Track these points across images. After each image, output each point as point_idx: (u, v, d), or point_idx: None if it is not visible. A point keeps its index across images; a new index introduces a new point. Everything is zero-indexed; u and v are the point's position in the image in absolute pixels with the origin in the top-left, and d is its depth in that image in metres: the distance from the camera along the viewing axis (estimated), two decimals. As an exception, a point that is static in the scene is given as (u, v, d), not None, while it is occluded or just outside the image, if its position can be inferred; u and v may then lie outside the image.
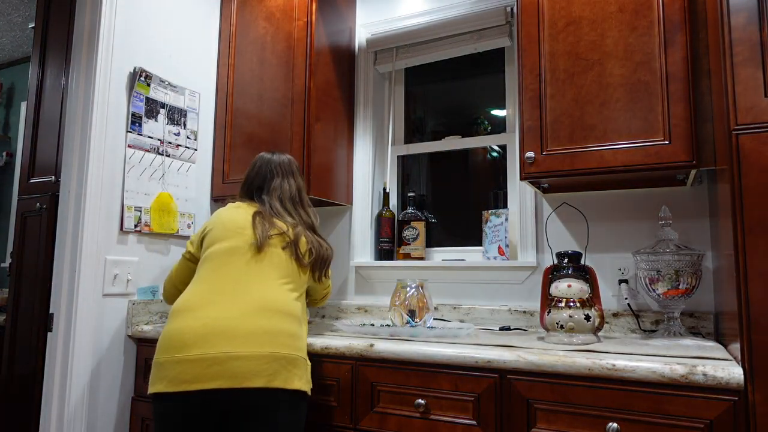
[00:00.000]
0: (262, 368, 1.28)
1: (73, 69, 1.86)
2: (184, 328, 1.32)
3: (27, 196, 2.20)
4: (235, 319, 1.33)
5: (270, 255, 1.49)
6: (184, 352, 1.29)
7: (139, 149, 1.95)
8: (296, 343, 1.38)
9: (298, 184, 1.69)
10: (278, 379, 1.30)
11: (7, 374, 2.12)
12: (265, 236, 1.50)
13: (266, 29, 2.20)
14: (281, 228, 1.55)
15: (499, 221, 2.05)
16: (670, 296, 1.52)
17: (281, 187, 1.66)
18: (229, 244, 1.50)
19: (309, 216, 1.66)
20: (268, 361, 1.30)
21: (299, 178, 1.71)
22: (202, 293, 1.41)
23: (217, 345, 1.29)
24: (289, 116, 2.09)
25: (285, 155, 1.74)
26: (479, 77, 2.37)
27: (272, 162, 1.70)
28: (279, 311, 1.39)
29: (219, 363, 1.27)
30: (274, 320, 1.37)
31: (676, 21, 1.50)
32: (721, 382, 1.10)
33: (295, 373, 1.34)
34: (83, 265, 1.74)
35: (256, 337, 1.31)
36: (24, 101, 3.64)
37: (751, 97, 1.14)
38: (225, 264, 1.46)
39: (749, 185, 1.11)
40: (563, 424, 1.25)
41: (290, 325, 1.39)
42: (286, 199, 1.64)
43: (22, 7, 3.19)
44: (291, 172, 1.70)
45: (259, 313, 1.36)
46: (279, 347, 1.33)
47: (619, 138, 1.53)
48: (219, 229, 1.55)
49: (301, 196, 1.68)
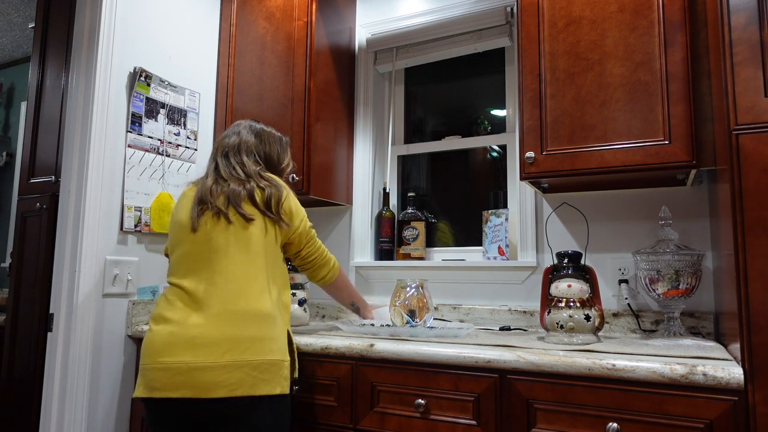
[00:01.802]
0: (223, 378, 1.27)
1: (73, 69, 1.86)
2: (155, 335, 1.34)
3: (27, 196, 2.20)
4: (198, 327, 1.32)
5: (217, 243, 1.40)
6: (155, 359, 1.31)
7: (139, 149, 1.95)
8: (262, 347, 1.33)
9: (241, 139, 1.57)
10: (242, 387, 1.28)
11: (7, 374, 2.12)
12: (195, 216, 1.43)
13: (266, 29, 2.20)
14: (209, 189, 1.46)
15: (499, 221, 2.05)
16: (670, 296, 1.52)
17: (222, 143, 1.59)
18: (183, 248, 1.44)
19: (243, 162, 1.52)
20: (230, 370, 1.28)
21: (248, 135, 1.59)
22: (170, 301, 1.40)
23: (181, 354, 1.29)
24: (289, 116, 2.09)
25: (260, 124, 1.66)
26: (479, 77, 2.37)
27: (232, 125, 1.64)
28: (243, 315, 1.34)
29: (182, 373, 1.28)
30: (237, 326, 1.32)
31: (676, 21, 1.50)
32: (721, 382, 1.10)
33: (262, 378, 1.30)
34: (83, 265, 1.74)
35: (218, 346, 1.29)
36: (24, 101, 3.64)
37: (751, 97, 1.14)
38: (186, 270, 1.42)
39: (749, 185, 1.11)
40: (563, 424, 1.25)
41: (256, 328, 1.34)
42: (222, 153, 1.55)
43: (22, 7, 3.19)
44: (237, 132, 1.60)
45: (222, 320, 1.32)
46: (241, 354, 1.30)
47: (619, 138, 1.53)
48: (173, 229, 1.50)
49: (239, 148, 1.56)
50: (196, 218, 1.44)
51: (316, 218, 2.39)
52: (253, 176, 1.50)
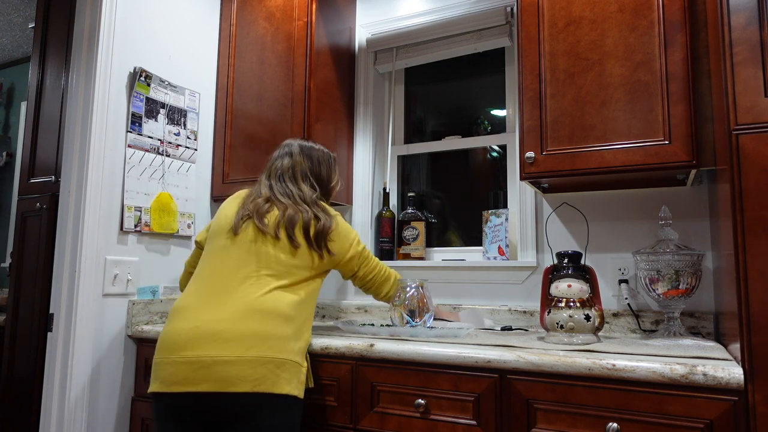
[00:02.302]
0: (247, 373, 1.28)
1: (73, 69, 1.86)
2: (177, 329, 1.34)
3: (27, 196, 2.20)
4: (224, 322, 1.32)
5: (257, 245, 1.45)
6: (175, 353, 1.31)
7: (139, 149, 1.95)
8: (286, 346, 1.35)
9: (295, 162, 1.62)
10: (265, 383, 1.29)
11: (7, 374, 2.12)
12: (238, 221, 1.48)
13: (266, 29, 2.20)
14: (259, 204, 1.51)
15: (499, 221, 2.05)
16: (670, 296, 1.52)
17: (275, 164, 1.63)
18: (219, 242, 1.49)
19: (300, 189, 1.57)
20: (254, 365, 1.29)
21: (301, 157, 1.64)
22: (196, 293, 1.41)
23: (205, 348, 1.29)
24: (289, 116, 2.09)
25: (310, 143, 1.71)
26: (479, 77, 2.37)
27: (283, 145, 1.70)
28: (268, 312, 1.36)
29: (206, 366, 1.28)
30: (262, 322, 1.34)
31: (676, 21, 1.50)
32: (721, 382, 1.10)
33: (283, 377, 1.32)
34: (83, 265, 1.74)
35: (243, 341, 1.30)
36: (24, 101, 3.64)
37: (751, 97, 1.14)
38: (217, 263, 1.46)
39: (749, 185, 1.11)
40: (563, 424, 1.25)
41: (279, 327, 1.36)
42: (276, 175, 1.60)
43: (22, 7, 3.19)
44: (289, 154, 1.65)
45: (248, 315, 1.34)
46: (266, 351, 1.31)
47: (619, 138, 1.53)
48: (215, 224, 1.56)
49: (294, 171, 1.61)
50: (239, 222, 1.48)
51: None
52: (310, 204, 1.54)
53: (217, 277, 1.42)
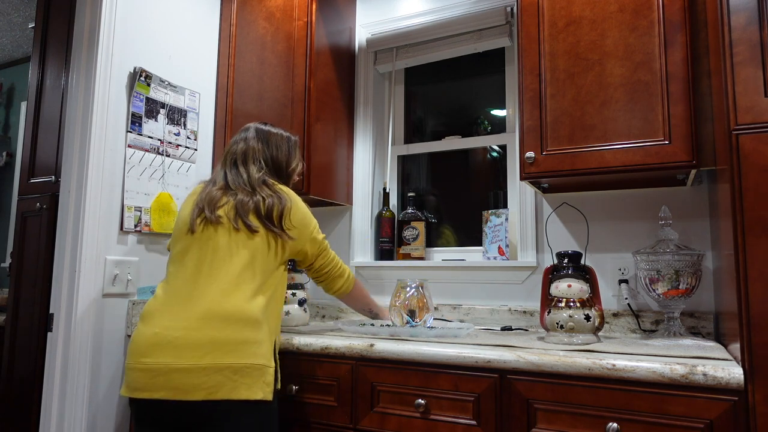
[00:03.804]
0: (201, 381, 1.26)
1: (73, 69, 1.86)
2: (140, 336, 1.35)
3: (27, 196, 2.20)
4: (181, 329, 1.31)
5: (214, 242, 1.42)
6: (137, 359, 1.32)
7: (139, 149, 1.95)
8: (247, 350, 1.31)
9: (248, 146, 1.58)
10: (221, 390, 1.26)
11: (7, 374, 2.12)
12: (194, 219, 1.45)
13: (266, 29, 2.20)
14: (213, 196, 1.47)
15: (499, 221, 2.05)
16: (670, 296, 1.52)
17: (230, 149, 1.59)
18: (180, 245, 1.46)
19: (248, 171, 1.53)
20: (209, 372, 1.27)
21: (255, 141, 1.59)
22: (159, 300, 1.40)
23: (162, 355, 1.29)
24: (289, 116, 2.09)
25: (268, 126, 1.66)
26: (479, 77, 2.37)
27: (241, 129, 1.65)
28: (226, 318, 1.32)
29: (162, 374, 1.28)
30: (220, 328, 1.31)
31: (676, 21, 1.50)
32: (721, 382, 1.10)
33: (243, 382, 1.29)
34: (83, 265, 1.74)
35: (199, 348, 1.28)
36: (24, 101, 3.64)
37: (751, 97, 1.14)
38: (179, 267, 1.43)
39: (749, 185, 1.11)
40: (563, 424, 1.25)
41: (239, 332, 1.32)
42: (230, 161, 1.56)
43: (22, 7, 3.19)
44: (244, 138, 1.60)
45: (206, 322, 1.31)
46: (223, 357, 1.28)
47: (619, 138, 1.53)
48: (176, 226, 1.53)
49: (246, 155, 1.56)
50: (194, 220, 1.45)
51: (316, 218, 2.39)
52: (256, 186, 1.50)
53: (180, 282, 1.40)
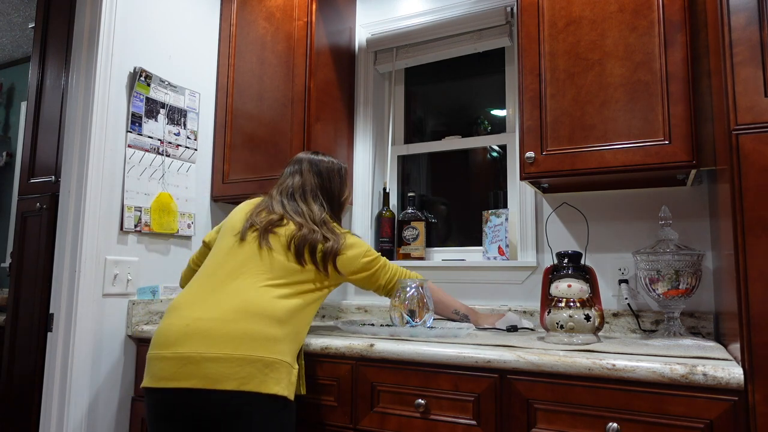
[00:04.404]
0: (234, 371, 1.27)
1: (73, 69, 1.86)
2: (170, 326, 1.35)
3: (27, 196, 2.20)
4: (215, 320, 1.33)
5: (261, 252, 1.47)
6: (166, 349, 1.31)
7: (139, 149, 1.95)
8: (276, 347, 1.34)
9: (305, 180, 1.65)
10: (252, 382, 1.28)
11: (7, 374, 2.12)
12: (246, 228, 1.51)
13: (266, 29, 2.20)
14: (272, 219, 1.53)
15: (499, 221, 2.05)
16: (670, 296, 1.52)
17: (286, 182, 1.65)
18: (226, 244, 1.52)
19: (311, 209, 1.59)
20: (242, 364, 1.28)
21: (310, 175, 1.66)
22: (193, 292, 1.42)
23: (194, 345, 1.29)
24: (289, 116, 2.09)
25: (319, 157, 1.72)
26: (479, 77, 2.37)
27: (293, 161, 1.72)
28: (259, 313, 1.35)
29: (194, 363, 1.28)
30: (253, 322, 1.33)
31: (676, 21, 1.50)
32: (721, 382, 1.10)
33: (272, 376, 1.30)
34: (83, 265, 1.74)
35: (233, 340, 1.30)
36: (24, 101, 3.64)
37: (751, 97, 1.14)
38: (220, 263, 1.47)
39: (749, 185, 1.11)
40: (563, 424, 1.25)
41: (270, 329, 1.34)
42: (287, 193, 1.62)
43: (22, 7, 3.19)
44: (299, 171, 1.67)
45: (240, 315, 1.34)
46: (256, 350, 1.30)
47: (619, 138, 1.53)
48: (226, 225, 1.60)
49: (304, 189, 1.63)
50: (247, 230, 1.51)
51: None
52: (319, 225, 1.55)
53: (217, 277, 1.43)
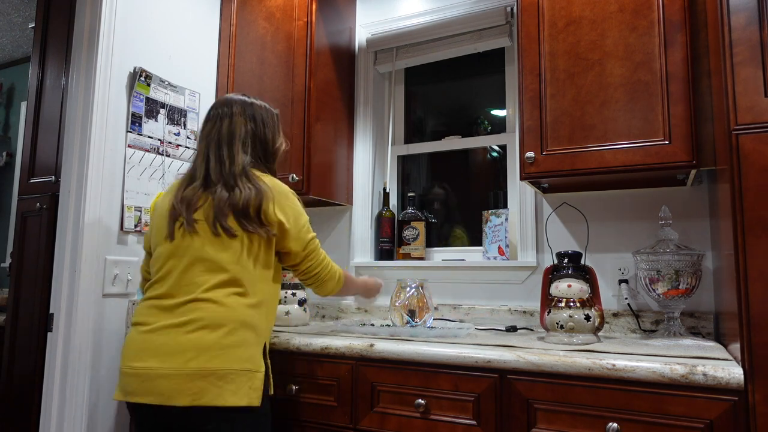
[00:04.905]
0: (186, 387, 1.24)
1: (73, 69, 1.86)
2: (130, 340, 1.35)
3: (27, 196, 2.20)
4: (166, 334, 1.29)
5: (193, 248, 1.35)
6: (127, 363, 1.32)
7: (139, 149, 1.95)
8: (233, 354, 1.28)
9: (235, 125, 1.45)
10: (206, 397, 1.24)
11: (7, 374, 2.12)
12: (171, 225, 1.39)
13: (266, 29, 2.20)
14: (192, 200, 1.39)
15: (499, 221, 2.05)
16: (670, 296, 1.52)
17: (214, 129, 1.45)
18: (160, 250, 1.41)
19: (234, 160, 1.41)
20: (193, 378, 1.24)
21: (242, 119, 1.46)
22: (147, 303, 1.38)
23: (149, 360, 1.28)
24: (289, 116, 2.09)
25: (251, 99, 1.52)
26: (479, 77, 2.37)
27: (221, 102, 1.51)
28: (212, 322, 1.29)
29: (149, 379, 1.27)
30: (205, 332, 1.27)
31: (676, 21, 1.50)
32: (721, 382, 1.10)
33: (228, 388, 1.25)
34: (83, 265, 1.74)
35: (184, 353, 1.26)
36: (24, 101, 3.64)
37: (751, 97, 1.14)
38: (163, 272, 1.38)
39: (749, 185, 1.11)
40: (563, 424, 1.25)
41: (225, 337, 1.28)
42: (214, 142, 1.44)
43: (22, 7, 3.19)
44: (229, 115, 1.46)
45: (192, 326, 1.28)
46: (208, 362, 1.25)
47: (619, 138, 1.53)
48: (153, 228, 1.47)
49: (233, 136, 1.44)
50: (172, 226, 1.39)
51: (316, 218, 2.39)
52: (238, 179, 1.39)
53: (164, 288, 1.36)
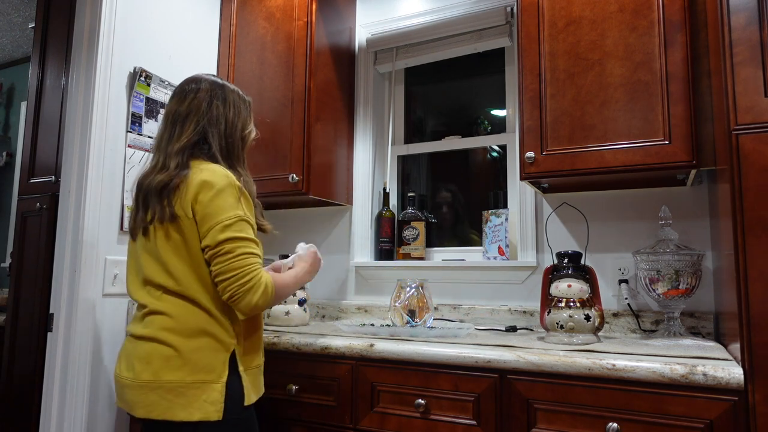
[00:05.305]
0: (141, 398, 1.22)
1: (73, 69, 1.86)
2: (122, 345, 1.36)
3: (27, 196, 2.20)
4: (133, 341, 1.29)
5: (148, 247, 1.29)
6: (115, 370, 1.33)
7: (139, 149, 1.95)
8: (185, 366, 1.20)
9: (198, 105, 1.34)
10: (157, 410, 1.20)
11: (7, 374, 2.12)
12: (131, 223, 1.34)
13: (266, 29, 2.20)
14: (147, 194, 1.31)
15: (499, 221, 2.05)
16: (670, 296, 1.52)
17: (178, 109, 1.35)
18: (128, 250, 1.38)
19: (180, 139, 1.30)
20: (145, 390, 1.22)
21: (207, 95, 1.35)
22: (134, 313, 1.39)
23: (123, 369, 1.29)
24: (289, 116, 2.09)
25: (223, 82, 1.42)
26: (479, 77, 2.37)
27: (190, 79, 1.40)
28: (161, 330, 1.23)
29: (120, 387, 1.30)
30: (154, 343, 1.23)
31: (676, 21, 1.50)
32: (721, 382, 1.10)
33: (178, 402, 1.19)
34: (83, 265, 1.74)
35: (140, 362, 1.24)
36: (24, 101, 3.63)
37: (751, 97, 1.14)
38: (129, 275, 1.36)
39: (749, 185, 1.11)
40: (563, 424, 1.25)
41: (179, 344, 1.21)
42: (171, 120, 1.35)
43: (22, 7, 3.19)
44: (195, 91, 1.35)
45: (147, 335, 1.25)
46: (157, 374, 1.21)
47: (619, 138, 1.53)
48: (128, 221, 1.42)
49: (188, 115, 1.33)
50: (132, 223, 1.35)
51: (316, 218, 2.39)
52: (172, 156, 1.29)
53: (131, 291, 1.35)
